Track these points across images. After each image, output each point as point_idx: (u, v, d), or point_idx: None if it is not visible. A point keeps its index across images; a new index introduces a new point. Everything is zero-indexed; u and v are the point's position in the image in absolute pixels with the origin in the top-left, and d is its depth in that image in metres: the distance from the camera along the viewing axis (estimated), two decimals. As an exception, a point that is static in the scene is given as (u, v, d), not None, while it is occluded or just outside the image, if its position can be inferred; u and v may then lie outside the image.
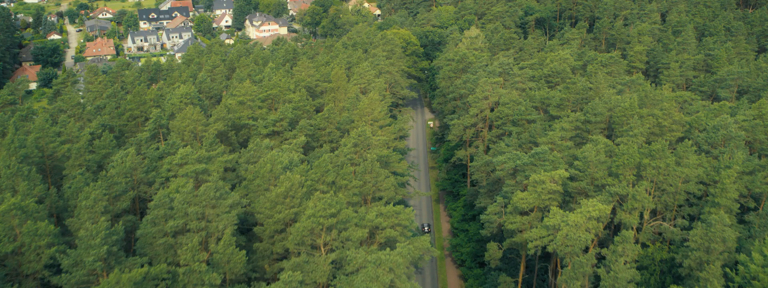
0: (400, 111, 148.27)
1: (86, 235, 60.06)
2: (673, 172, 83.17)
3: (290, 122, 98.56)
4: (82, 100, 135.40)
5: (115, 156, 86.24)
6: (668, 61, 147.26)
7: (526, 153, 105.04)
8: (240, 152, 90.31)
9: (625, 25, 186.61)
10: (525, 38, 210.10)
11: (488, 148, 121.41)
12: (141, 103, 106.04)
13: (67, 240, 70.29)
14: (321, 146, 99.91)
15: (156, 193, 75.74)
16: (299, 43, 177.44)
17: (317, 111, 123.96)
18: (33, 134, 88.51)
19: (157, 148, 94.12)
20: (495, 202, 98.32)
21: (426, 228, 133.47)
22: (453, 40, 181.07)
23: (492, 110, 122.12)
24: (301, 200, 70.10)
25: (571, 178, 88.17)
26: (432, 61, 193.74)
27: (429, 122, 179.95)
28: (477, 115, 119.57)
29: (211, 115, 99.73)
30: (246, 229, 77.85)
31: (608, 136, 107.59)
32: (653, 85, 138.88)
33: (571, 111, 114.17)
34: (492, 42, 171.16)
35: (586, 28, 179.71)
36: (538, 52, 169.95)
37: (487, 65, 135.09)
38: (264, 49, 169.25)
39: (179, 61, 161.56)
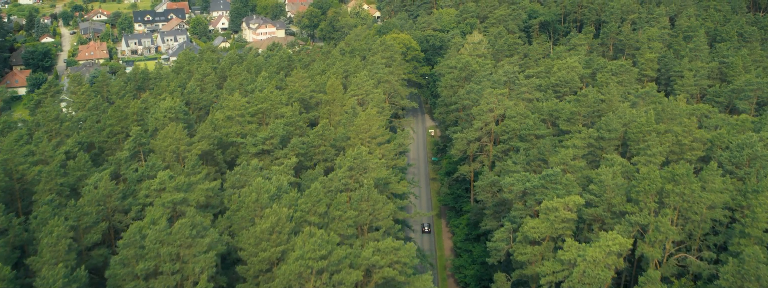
0: (400, 119, 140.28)
1: (42, 284, 52.21)
2: (699, 199, 75.28)
3: (281, 140, 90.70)
4: (65, 111, 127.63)
5: (90, 179, 78.44)
6: (681, 69, 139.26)
7: (536, 173, 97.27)
8: (224, 177, 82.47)
9: (634, 29, 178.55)
10: (529, 43, 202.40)
11: (493, 164, 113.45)
12: (122, 118, 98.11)
13: (28, 282, 62.44)
14: (314, 166, 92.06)
15: (132, 223, 68.03)
16: (295, 48, 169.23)
17: (312, 125, 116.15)
18: (1, 155, 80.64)
19: (137, 169, 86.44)
20: (502, 226, 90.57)
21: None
22: (455, 45, 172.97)
23: (497, 123, 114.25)
24: (288, 236, 62.25)
25: (586, 204, 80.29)
26: (433, 67, 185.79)
27: (430, 130, 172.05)
28: (481, 128, 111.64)
29: (196, 132, 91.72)
30: (229, 264, 70.02)
31: (622, 154, 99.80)
32: (666, 95, 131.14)
33: (582, 125, 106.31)
34: (495, 48, 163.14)
35: (594, 33, 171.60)
36: (544, 58, 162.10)
37: (491, 74, 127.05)
38: (258, 54, 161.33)
39: (170, 67, 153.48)
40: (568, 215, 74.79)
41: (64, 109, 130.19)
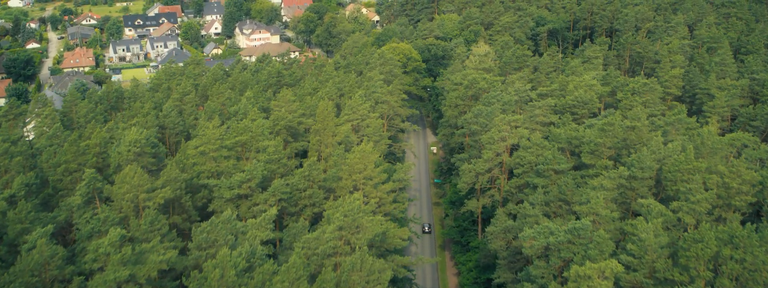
0: (400, 142, 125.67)
1: None
2: (762, 266, 60.91)
3: (262, 180, 76.31)
4: (28, 138, 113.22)
5: (31, 235, 64.14)
6: (708, 87, 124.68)
7: (557, 216, 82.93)
8: (191, 232, 67.95)
9: (650, 39, 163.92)
10: (537, 52, 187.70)
11: (505, 200, 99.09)
12: (79, 153, 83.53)
13: None
14: (299, 213, 77.65)
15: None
16: (286, 59, 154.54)
17: (300, 155, 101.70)
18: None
19: (90, 218, 72.16)
20: (519, 281, 76.48)
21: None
22: (459, 56, 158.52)
23: (510, 153, 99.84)
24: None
25: (624, 266, 65.90)
26: (435, 79, 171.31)
27: (432, 147, 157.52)
28: (492, 159, 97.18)
29: (164, 172, 77.15)
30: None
31: (656, 194, 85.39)
32: (690, 114, 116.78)
33: (608, 158, 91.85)
34: (503, 60, 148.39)
35: (609, 44, 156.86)
36: (555, 71, 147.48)
37: (501, 94, 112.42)
38: (246, 67, 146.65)
39: (149, 82, 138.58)
40: (604, 285, 60.46)
41: (30, 135, 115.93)
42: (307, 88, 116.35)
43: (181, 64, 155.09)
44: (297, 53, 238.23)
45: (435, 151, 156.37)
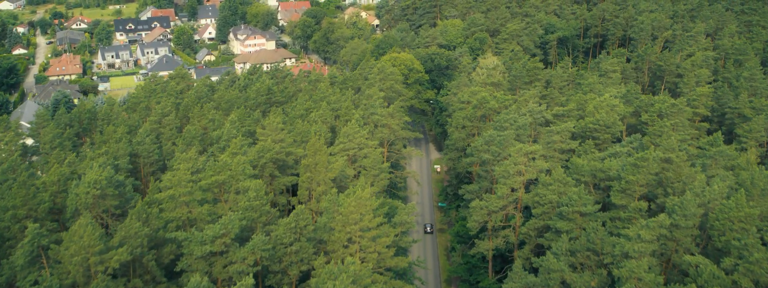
0: (401, 170, 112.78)
1: None
2: None
3: (239, 235, 63.59)
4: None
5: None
6: (739, 106, 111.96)
7: (585, 269, 70.23)
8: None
9: (670, 49, 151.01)
10: (546, 62, 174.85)
11: (522, 243, 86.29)
12: (29, 197, 70.66)
13: None
14: (284, 272, 64.80)
15: None
16: (279, 73, 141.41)
17: (288, 191, 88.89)
18: None
19: (37, 281, 59.69)
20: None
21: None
22: (465, 68, 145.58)
23: (527, 188, 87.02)
24: None
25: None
26: (439, 91, 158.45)
27: (435, 166, 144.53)
28: (507, 195, 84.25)
29: (120, 229, 64.27)
30: None
31: (700, 244, 72.62)
32: (726, 139, 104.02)
33: (640, 197, 79.08)
34: (512, 73, 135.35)
35: (626, 57, 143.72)
36: (568, 84, 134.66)
37: (514, 117, 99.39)
38: (234, 82, 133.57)
39: (128, 98, 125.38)
40: None
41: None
42: (299, 109, 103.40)
43: (166, 75, 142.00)
44: (293, 60, 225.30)
45: (439, 169, 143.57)
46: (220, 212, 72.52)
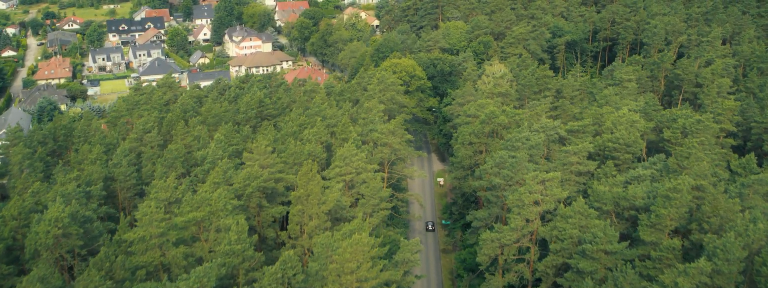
0: (402, 193, 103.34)
1: None
2: None
3: (219, 280, 54.31)
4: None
5: None
6: (765, 121, 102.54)
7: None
8: None
9: (685, 55, 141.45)
10: (553, 67, 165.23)
11: (538, 281, 76.91)
12: (-20, 237, 61.33)
13: None
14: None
15: None
16: (272, 81, 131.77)
17: (277, 223, 79.42)
18: None
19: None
20: None
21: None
22: (470, 76, 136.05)
23: (543, 219, 77.56)
24: None
25: None
26: (442, 99, 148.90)
27: (438, 179, 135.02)
28: (521, 227, 74.86)
29: (78, 282, 54.83)
30: None
31: (743, 289, 63.37)
32: (759, 162, 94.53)
33: (671, 233, 69.74)
34: (521, 82, 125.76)
35: (642, 65, 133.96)
36: (579, 92, 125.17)
37: (526, 135, 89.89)
38: (224, 92, 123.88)
39: (116, 107, 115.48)
40: None
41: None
42: (292, 125, 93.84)
43: (153, 83, 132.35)
44: (290, 63, 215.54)
45: (442, 182, 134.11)
46: (199, 253, 63.23)
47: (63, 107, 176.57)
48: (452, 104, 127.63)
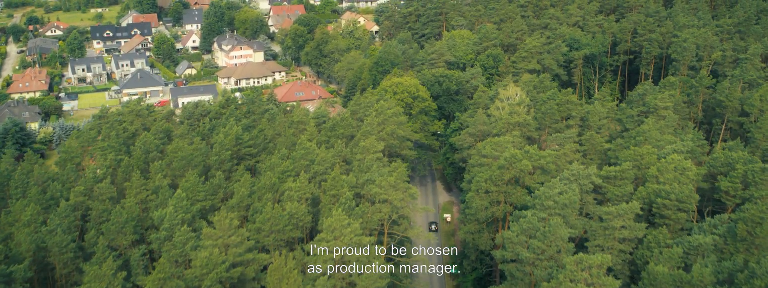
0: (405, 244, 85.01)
1: None
2: None
3: None
4: None
5: None
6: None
7: None
8: None
9: (722, 75, 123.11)
10: (571, 83, 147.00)
11: None
12: None
13: None
14: None
15: None
16: (257, 106, 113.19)
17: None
18: None
19: None
20: None
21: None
22: (481, 100, 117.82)
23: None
24: None
25: None
26: (448, 122, 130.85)
27: (445, 216, 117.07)
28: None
29: None
30: None
31: None
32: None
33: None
34: (540, 108, 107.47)
35: (680, 89, 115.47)
36: (607, 119, 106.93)
37: (560, 194, 71.62)
38: (198, 122, 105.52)
39: (67, 146, 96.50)
40: None
41: None
42: (272, 176, 75.57)
43: (121, 104, 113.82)
44: (282, 74, 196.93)
45: (448, 219, 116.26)
46: None
47: (34, 126, 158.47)
48: (462, 133, 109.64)
